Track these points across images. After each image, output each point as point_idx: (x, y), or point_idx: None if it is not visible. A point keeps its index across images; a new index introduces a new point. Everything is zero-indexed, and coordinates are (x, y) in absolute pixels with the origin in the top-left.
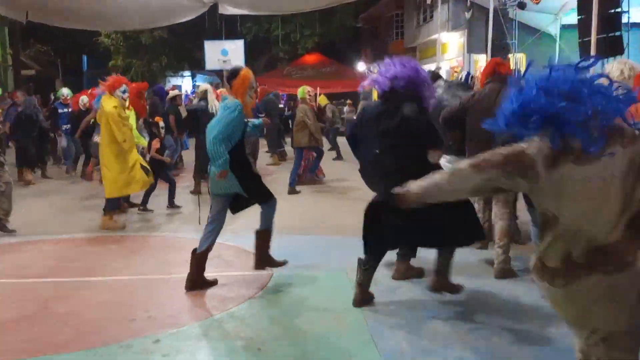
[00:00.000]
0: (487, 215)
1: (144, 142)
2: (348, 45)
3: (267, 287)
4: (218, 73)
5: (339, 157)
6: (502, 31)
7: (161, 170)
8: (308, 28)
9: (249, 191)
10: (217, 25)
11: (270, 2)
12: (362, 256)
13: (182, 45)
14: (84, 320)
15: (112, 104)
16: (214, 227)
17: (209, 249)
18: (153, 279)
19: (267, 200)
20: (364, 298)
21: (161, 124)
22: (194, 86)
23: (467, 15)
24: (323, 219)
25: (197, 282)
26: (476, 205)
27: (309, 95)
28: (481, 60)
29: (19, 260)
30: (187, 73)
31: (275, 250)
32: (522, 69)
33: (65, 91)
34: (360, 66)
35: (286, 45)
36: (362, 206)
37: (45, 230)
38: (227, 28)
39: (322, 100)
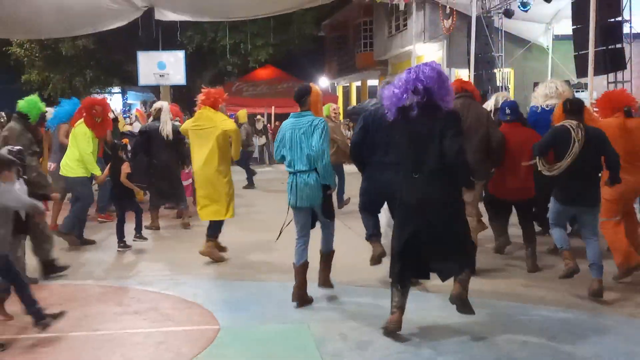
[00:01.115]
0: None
1: (97, 171)
2: (308, 57)
3: (213, 344)
4: (153, 89)
5: (250, 184)
6: (487, 42)
7: (131, 197)
8: (261, 37)
9: (326, 206)
10: (152, 34)
11: (216, 6)
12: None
13: (111, 57)
14: None
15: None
16: (306, 240)
17: (306, 263)
18: (75, 337)
19: (333, 218)
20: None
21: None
22: (124, 105)
23: (447, 24)
24: (275, 262)
25: (304, 296)
26: None
27: (334, 113)
28: (463, 76)
29: None
30: (116, 89)
31: (220, 299)
32: (511, 86)
33: None
34: (323, 81)
35: (235, 58)
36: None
37: None
38: (165, 37)
39: (242, 117)
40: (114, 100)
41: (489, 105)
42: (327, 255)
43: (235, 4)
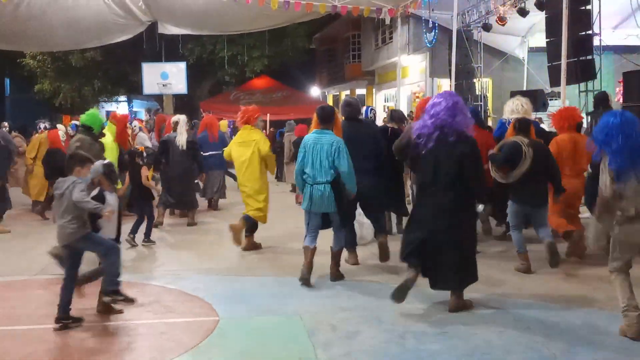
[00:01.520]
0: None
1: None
2: (301, 68)
3: (212, 334)
4: (157, 98)
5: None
6: (467, 54)
7: (150, 200)
8: (256, 49)
9: (340, 213)
10: (156, 47)
11: (215, 21)
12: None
13: (118, 68)
14: None
15: None
16: (314, 237)
17: (315, 248)
18: (87, 326)
19: (346, 224)
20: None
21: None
22: (130, 112)
23: (429, 37)
24: (270, 258)
25: (308, 275)
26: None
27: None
28: (444, 85)
29: None
30: (122, 98)
31: (219, 293)
32: (489, 95)
33: None
34: (315, 91)
35: (232, 68)
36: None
37: None
38: (168, 49)
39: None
40: (120, 109)
41: None
42: (337, 253)
43: (233, 19)
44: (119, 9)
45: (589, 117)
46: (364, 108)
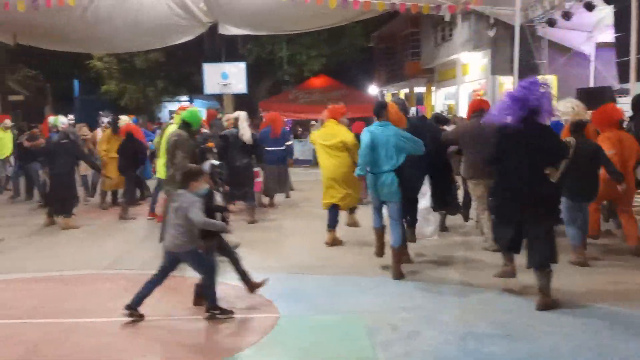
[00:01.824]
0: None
1: None
2: (359, 66)
3: (273, 331)
4: (217, 98)
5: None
6: (530, 50)
7: None
8: (315, 49)
9: (399, 205)
10: (216, 47)
11: (274, 21)
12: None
13: (180, 69)
14: None
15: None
16: (379, 215)
17: (383, 226)
18: (149, 321)
19: (401, 218)
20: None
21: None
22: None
23: (491, 33)
24: (332, 256)
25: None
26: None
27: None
28: (507, 83)
29: (5, 300)
30: (184, 98)
31: (280, 291)
32: (554, 92)
33: (63, 119)
34: (373, 89)
35: (291, 68)
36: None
37: (32, 267)
38: (228, 50)
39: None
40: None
41: None
42: (396, 249)
43: (291, 18)
44: (181, 10)
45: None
46: (412, 109)
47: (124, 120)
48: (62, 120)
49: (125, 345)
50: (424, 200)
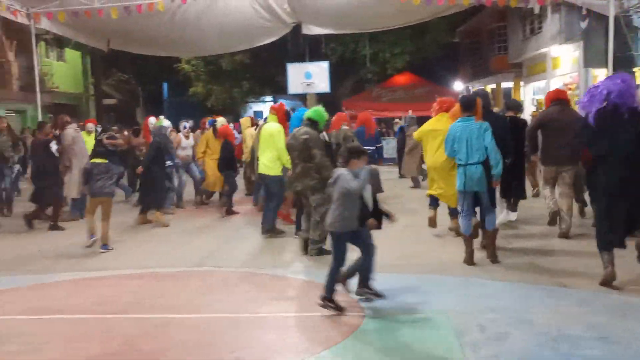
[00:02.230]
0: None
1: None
2: (443, 63)
3: (359, 330)
4: (300, 97)
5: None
6: (625, 42)
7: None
8: (398, 46)
9: (490, 193)
10: (300, 47)
11: (357, 19)
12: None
13: (264, 70)
14: None
15: None
16: (470, 217)
17: (474, 234)
18: (238, 318)
19: (495, 205)
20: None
21: None
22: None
23: (583, 24)
24: (417, 254)
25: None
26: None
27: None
28: (601, 75)
29: (101, 296)
30: (268, 98)
31: None
32: None
33: (166, 123)
34: (458, 85)
35: (374, 66)
36: (459, 241)
37: (126, 264)
38: (311, 49)
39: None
40: (267, 108)
41: None
42: (491, 233)
43: (374, 16)
44: (266, 12)
45: None
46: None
47: (221, 121)
48: (167, 123)
49: (214, 341)
50: None
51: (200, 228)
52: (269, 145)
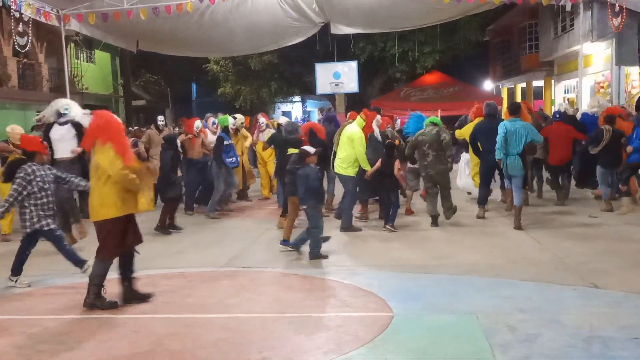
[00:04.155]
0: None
1: (368, 167)
2: (473, 61)
3: (387, 330)
4: (329, 97)
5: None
6: None
7: (397, 190)
8: (427, 45)
9: (525, 177)
10: (328, 47)
11: (386, 18)
12: None
13: (292, 70)
14: None
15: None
16: (522, 190)
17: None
18: (266, 318)
19: (525, 185)
20: None
21: None
22: (304, 112)
23: (616, 22)
24: (447, 255)
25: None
26: None
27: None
28: (634, 73)
29: None
30: (297, 98)
31: (394, 290)
32: None
33: (231, 120)
34: (488, 84)
35: (403, 65)
36: (489, 241)
37: (157, 264)
38: (340, 49)
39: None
40: (295, 109)
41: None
42: (518, 208)
43: (404, 15)
44: (294, 12)
45: None
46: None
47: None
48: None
49: (242, 340)
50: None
51: (229, 228)
52: (347, 148)
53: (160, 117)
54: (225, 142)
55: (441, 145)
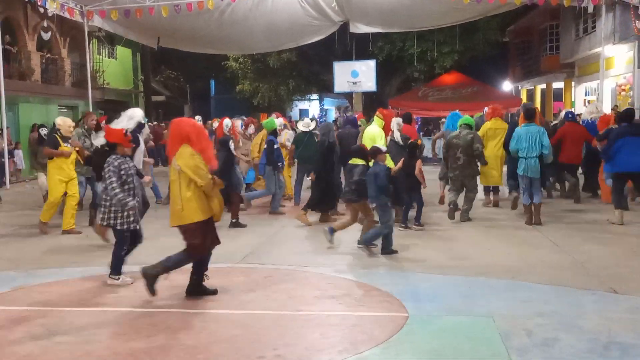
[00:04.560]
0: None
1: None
2: (492, 62)
3: (402, 330)
4: (346, 96)
5: None
6: None
7: (419, 190)
8: (446, 45)
9: (542, 178)
10: (347, 46)
11: (406, 18)
12: None
13: (310, 68)
14: (212, 355)
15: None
16: (527, 192)
17: (532, 204)
18: (281, 315)
19: (543, 186)
20: None
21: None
22: (321, 110)
23: (638, 24)
24: (465, 256)
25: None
26: None
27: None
28: None
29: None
30: (314, 96)
31: (409, 290)
32: None
33: (279, 121)
34: (507, 85)
35: (422, 65)
36: (508, 243)
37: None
38: (358, 48)
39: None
40: (312, 107)
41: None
42: (537, 205)
43: (423, 14)
44: (314, 11)
45: None
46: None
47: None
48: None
49: (257, 337)
50: None
51: (247, 226)
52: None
53: (198, 118)
54: (275, 146)
55: (473, 152)
